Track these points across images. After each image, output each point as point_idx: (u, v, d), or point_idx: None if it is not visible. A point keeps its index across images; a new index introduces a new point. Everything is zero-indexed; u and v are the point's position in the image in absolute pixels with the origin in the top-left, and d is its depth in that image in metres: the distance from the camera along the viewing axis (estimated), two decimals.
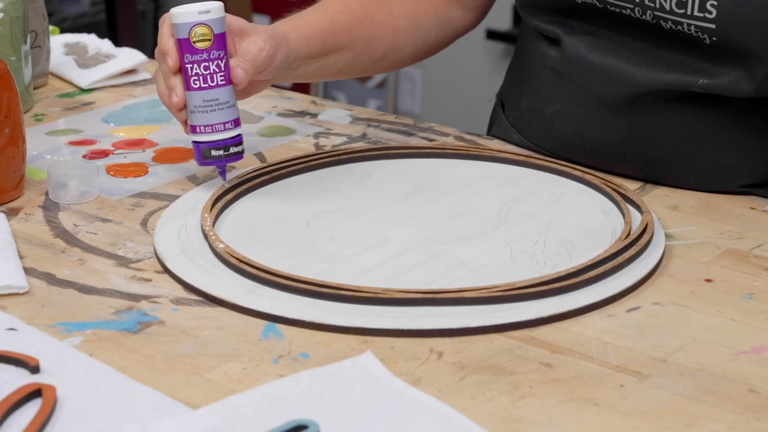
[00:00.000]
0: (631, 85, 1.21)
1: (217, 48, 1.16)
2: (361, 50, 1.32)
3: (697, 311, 1.00)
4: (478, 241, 1.11)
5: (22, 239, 1.13)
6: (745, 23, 1.14)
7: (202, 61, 1.15)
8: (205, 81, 1.16)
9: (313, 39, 1.26)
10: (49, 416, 0.84)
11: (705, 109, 1.21)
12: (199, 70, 1.16)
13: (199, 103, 1.17)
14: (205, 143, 1.18)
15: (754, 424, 0.85)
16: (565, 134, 1.28)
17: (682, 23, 1.17)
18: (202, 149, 1.18)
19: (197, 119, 1.17)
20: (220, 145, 1.18)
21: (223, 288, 1.03)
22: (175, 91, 1.17)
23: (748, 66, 1.16)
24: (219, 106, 1.17)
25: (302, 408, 0.85)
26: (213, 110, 1.17)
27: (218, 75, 1.16)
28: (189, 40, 1.15)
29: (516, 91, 1.36)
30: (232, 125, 1.18)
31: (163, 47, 1.17)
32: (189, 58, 1.16)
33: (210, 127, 1.17)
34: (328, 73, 1.31)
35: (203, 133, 1.17)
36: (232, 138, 1.18)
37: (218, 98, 1.17)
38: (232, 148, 1.18)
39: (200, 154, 1.19)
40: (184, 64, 1.16)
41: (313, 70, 1.29)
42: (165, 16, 1.17)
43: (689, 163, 1.23)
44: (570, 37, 1.26)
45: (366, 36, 1.32)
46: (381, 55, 1.34)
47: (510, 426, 0.85)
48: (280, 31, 1.23)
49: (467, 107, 3.51)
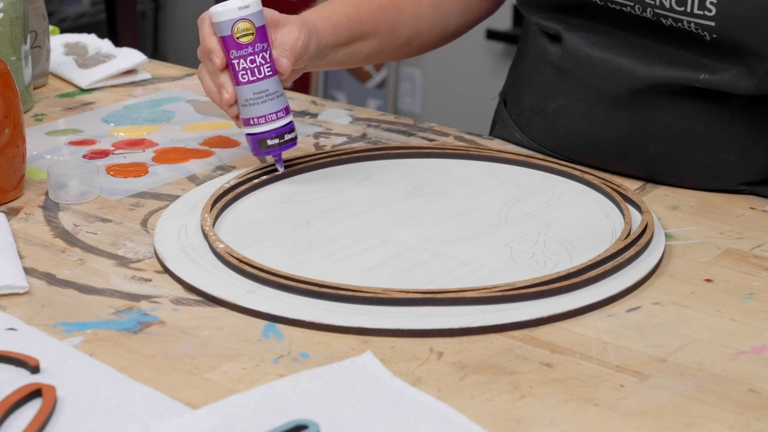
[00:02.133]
0: (632, 79, 1.22)
1: (260, 41, 1.19)
2: (386, 37, 1.35)
3: (697, 311, 1.00)
4: (478, 241, 1.11)
5: (22, 239, 1.13)
6: (745, 21, 1.14)
7: (248, 55, 1.18)
8: (253, 74, 1.19)
9: (341, 27, 1.30)
10: (49, 416, 0.84)
11: (706, 105, 1.21)
12: (246, 64, 1.19)
13: (250, 96, 1.20)
14: (260, 134, 1.21)
15: (754, 424, 0.85)
16: (567, 131, 1.28)
17: (682, 21, 1.17)
18: (258, 140, 1.21)
19: (250, 112, 1.20)
20: (274, 134, 1.21)
21: (223, 288, 1.03)
22: (225, 88, 1.20)
23: (748, 63, 1.16)
24: (269, 96, 1.20)
25: (302, 408, 0.85)
26: (264, 101, 1.20)
27: (264, 67, 1.19)
28: (232, 36, 1.18)
29: (518, 88, 1.36)
30: (284, 113, 1.21)
31: (208, 46, 1.20)
32: (235, 54, 1.19)
33: (263, 118, 1.20)
34: (355, 60, 1.35)
35: (257, 124, 1.21)
36: (284, 126, 1.21)
37: (267, 89, 1.20)
38: (286, 135, 1.22)
39: (256, 145, 1.22)
40: (230, 61, 1.19)
41: (341, 57, 1.32)
42: (203, 15, 1.20)
43: (690, 160, 1.23)
44: (570, 33, 1.26)
45: (390, 23, 1.35)
46: (405, 41, 1.37)
47: (510, 426, 0.85)
48: (309, 21, 1.26)
49: (467, 107, 3.51)
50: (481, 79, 3.48)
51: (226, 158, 1.33)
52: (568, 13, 1.27)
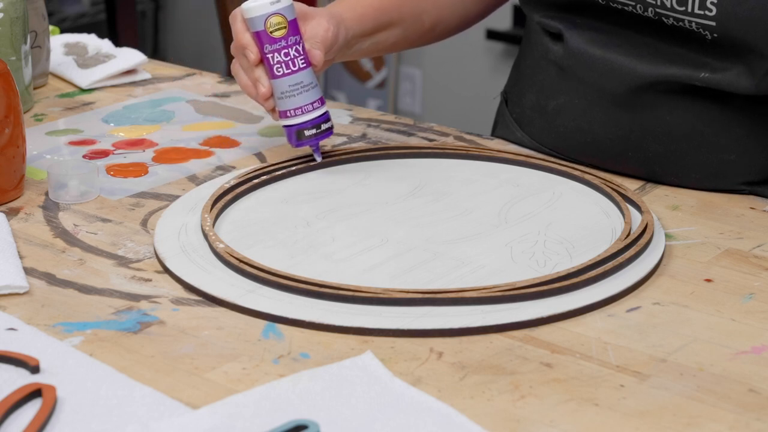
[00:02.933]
0: (633, 78, 1.22)
1: (292, 34, 1.21)
2: (410, 25, 1.37)
3: (697, 311, 1.00)
4: (478, 241, 1.11)
5: (22, 239, 1.13)
6: (745, 21, 1.14)
7: (282, 48, 1.21)
8: (287, 67, 1.21)
9: (366, 17, 1.32)
10: (49, 416, 0.84)
11: (706, 104, 1.21)
12: (280, 57, 1.21)
13: (286, 89, 1.22)
14: (297, 125, 1.24)
15: (754, 424, 0.85)
16: (568, 129, 1.28)
17: (683, 20, 1.17)
18: (296, 131, 1.24)
19: (286, 104, 1.23)
20: (311, 125, 1.23)
21: (223, 288, 1.03)
22: (261, 82, 1.23)
23: (748, 62, 1.17)
24: (304, 88, 1.22)
25: (302, 408, 0.85)
26: (300, 93, 1.22)
27: (298, 59, 1.22)
28: (266, 31, 1.20)
29: (520, 87, 1.37)
30: (319, 104, 1.24)
31: (242, 42, 1.22)
32: (269, 48, 1.21)
33: (300, 109, 1.23)
34: (381, 48, 1.37)
35: (294, 116, 1.23)
36: (320, 116, 1.24)
37: (302, 81, 1.22)
38: (323, 125, 1.24)
39: (294, 137, 1.24)
40: (265, 55, 1.22)
41: (368, 46, 1.35)
42: (235, 12, 1.23)
43: (690, 159, 1.23)
44: (572, 31, 1.26)
45: (413, 11, 1.37)
46: (429, 28, 1.39)
47: (510, 426, 0.85)
48: (337, 13, 1.28)
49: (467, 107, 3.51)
50: (481, 79, 3.48)
51: (226, 158, 1.33)
52: (569, 12, 1.27)
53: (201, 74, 1.61)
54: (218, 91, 1.54)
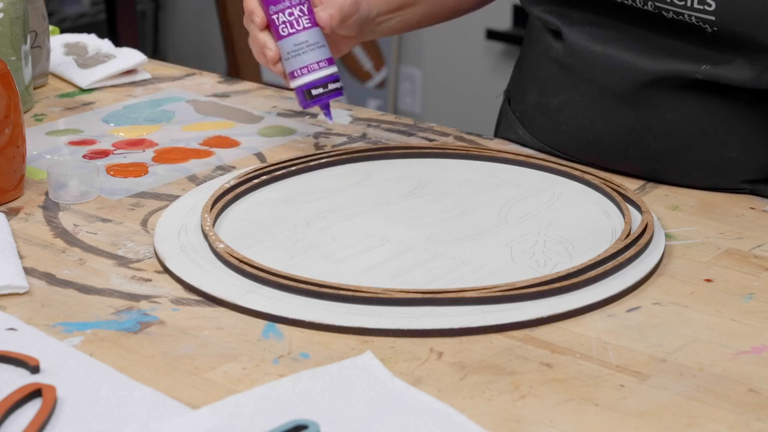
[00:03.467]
0: (634, 73, 1.22)
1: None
2: (434, 3, 1.39)
3: (697, 311, 1.00)
4: (478, 241, 1.11)
5: (22, 239, 1.13)
6: (744, 15, 1.14)
7: (285, 8, 1.23)
8: (292, 26, 1.24)
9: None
10: (49, 416, 0.84)
11: (708, 101, 1.21)
12: (284, 17, 1.23)
13: (291, 49, 1.24)
14: (304, 85, 1.25)
15: (754, 424, 0.85)
16: (569, 127, 1.28)
17: (683, 14, 1.17)
18: (304, 92, 1.26)
19: (292, 64, 1.25)
20: (318, 84, 1.25)
21: (223, 288, 1.03)
22: (267, 46, 1.25)
23: (749, 54, 1.17)
24: (309, 47, 1.24)
25: (302, 408, 0.85)
26: (305, 52, 1.24)
27: (303, 18, 1.24)
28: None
29: (522, 86, 1.37)
30: (326, 63, 1.25)
31: (248, 7, 1.26)
32: (273, 9, 1.24)
33: (305, 68, 1.25)
34: (409, 25, 1.38)
35: (300, 76, 1.25)
36: (328, 75, 1.26)
37: (307, 40, 1.24)
38: (330, 85, 1.26)
39: (303, 97, 1.26)
40: (270, 17, 1.24)
41: (395, 24, 1.36)
42: None
43: (691, 156, 1.23)
44: (571, 28, 1.26)
45: None
46: (453, 6, 1.41)
47: (510, 426, 0.85)
48: None
49: (467, 107, 3.51)
50: (481, 79, 3.48)
51: (226, 158, 1.33)
52: (568, 7, 1.27)
53: (201, 74, 1.61)
54: (218, 91, 1.54)
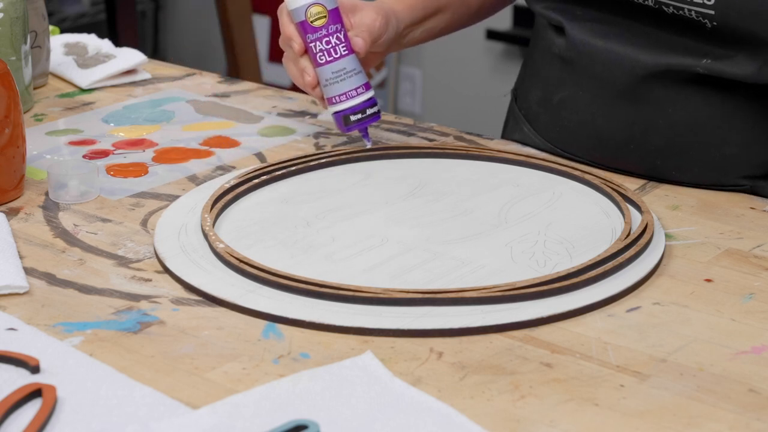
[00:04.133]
0: (636, 67, 1.22)
1: (333, 22, 1.26)
2: (458, 8, 1.41)
3: (697, 311, 1.00)
4: (478, 241, 1.11)
5: (22, 239, 1.13)
6: (744, 10, 1.14)
7: (323, 37, 1.25)
8: (330, 54, 1.26)
9: (416, 6, 1.36)
10: (49, 416, 0.84)
11: (709, 96, 1.21)
12: (322, 45, 1.25)
13: (329, 76, 1.26)
14: (343, 111, 1.28)
15: (754, 424, 0.85)
16: (571, 123, 1.29)
17: (683, 9, 1.17)
18: (343, 117, 1.28)
19: (331, 91, 1.27)
20: (357, 110, 1.27)
21: (223, 288, 1.03)
22: (306, 71, 1.28)
23: (750, 49, 1.17)
24: (347, 74, 1.26)
25: (302, 408, 0.85)
26: (343, 79, 1.26)
27: (340, 46, 1.26)
28: (307, 21, 1.25)
29: (528, 83, 1.38)
30: (364, 89, 1.28)
31: (287, 34, 1.27)
32: (311, 38, 1.26)
33: (344, 95, 1.27)
34: (433, 34, 1.40)
35: (339, 102, 1.27)
36: (366, 101, 1.28)
37: (345, 67, 1.26)
38: (368, 110, 1.28)
39: (342, 122, 1.28)
40: (308, 44, 1.26)
41: (420, 34, 1.38)
42: (281, 6, 1.28)
43: (692, 152, 1.23)
44: (573, 23, 1.27)
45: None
46: (476, 9, 1.43)
47: (510, 426, 0.85)
48: (387, 5, 1.32)
49: (467, 107, 3.51)
50: (481, 79, 3.48)
51: (226, 158, 1.33)
52: (571, 3, 1.28)
53: (201, 74, 1.61)
54: (218, 91, 1.54)
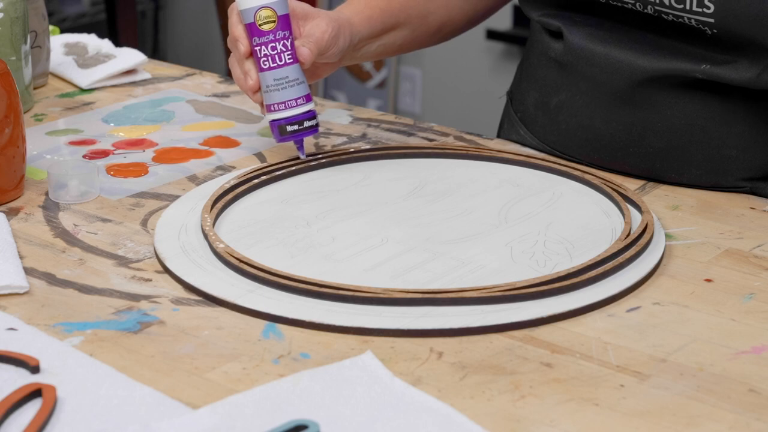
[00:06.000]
0: (634, 72, 1.22)
1: (282, 29, 1.23)
2: (418, 26, 1.38)
3: (697, 311, 1.00)
4: (478, 241, 1.11)
5: (22, 239, 1.13)
6: (744, 17, 1.14)
7: (269, 42, 1.22)
8: (274, 60, 1.23)
9: (374, 19, 1.33)
10: (49, 416, 0.84)
11: (707, 99, 1.21)
12: (267, 51, 1.23)
13: (271, 82, 1.24)
14: (280, 120, 1.25)
15: (754, 424, 0.85)
16: (569, 126, 1.29)
17: (682, 17, 1.17)
18: (279, 126, 1.25)
19: (271, 98, 1.24)
20: (294, 120, 1.25)
21: (223, 288, 1.03)
22: (249, 75, 1.25)
23: (749, 55, 1.17)
24: (289, 83, 1.24)
25: (302, 408, 0.85)
26: (284, 88, 1.24)
27: (285, 54, 1.23)
28: (255, 24, 1.23)
29: (524, 85, 1.37)
30: (304, 101, 1.25)
31: (234, 34, 1.25)
32: (257, 41, 1.23)
33: (283, 104, 1.24)
34: (389, 50, 1.38)
35: (277, 110, 1.24)
36: (305, 113, 1.25)
37: (288, 76, 1.23)
38: (306, 122, 1.25)
39: (277, 131, 1.25)
40: (254, 47, 1.24)
41: (376, 48, 1.36)
42: (232, 5, 1.26)
43: (691, 155, 1.23)
44: (572, 29, 1.26)
45: (420, 12, 1.38)
46: (436, 29, 1.40)
47: (510, 426, 0.85)
48: (343, 16, 1.29)
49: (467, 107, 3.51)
50: (481, 79, 3.48)
51: (226, 158, 1.33)
52: (568, 10, 1.27)
53: (201, 74, 1.61)
54: (218, 91, 1.54)
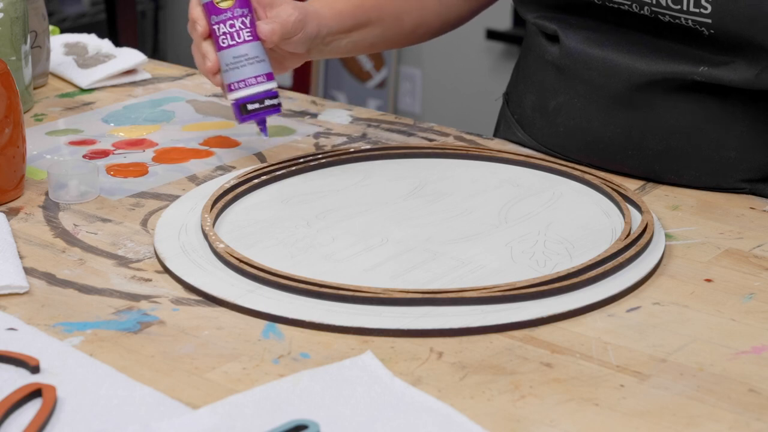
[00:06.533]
0: (632, 75, 1.22)
1: (240, 6, 1.22)
2: (390, 25, 1.37)
3: (697, 311, 1.00)
4: (478, 241, 1.11)
5: (22, 239, 1.13)
6: (741, 17, 1.14)
7: (227, 19, 1.21)
8: (232, 38, 1.21)
9: (345, 14, 1.32)
10: (49, 416, 0.84)
11: (706, 101, 1.21)
12: (225, 28, 1.21)
13: (230, 61, 1.22)
14: (240, 99, 1.23)
15: (754, 424, 0.85)
16: (568, 128, 1.28)
17: (679, 18, 1.17)
18: (240, 105, 1.23)
19: (230, 77, 1.22)
20: (254, 99, 1.23)
21: (223, 288, 1.03)
22: (207, 57, 1.23)
23: (748, 55, 1.17)
24: (248, 60, 1.22)
25: (302, 408, 0.85)
26: (243, 65, 1.22)
27: (244, 31, 1.21)
28: (212, 2, 1.21)
29: (520, 88, 1.37)
30: (264, 79, 1.23)
31: (192, 16, 1.24)
32: (215, 20, 1.22)
33: (243, 82, 1.22)
34: (360, 47, 1.36)
35: (237, 89, 1.22)
36: (265, 91, 1.23)
37: (247, 53, 1.22)
38: (267, 101, 1.23)
39: (238, 111, 1.23)
40: (212, 26, 1.22)
41: (346, 44, 1.34)
42: None
43: (690, 157, 1.23)
44: (568, 32, 1.26)
45: (394, 12, 1.37)
46: (410, 30, 1.39)
47: (510, 426, 0.85)
48: (312, 8, 1.28)
49: (467, 107, 3.51)
50: (481, 79, 3.48)
51: (226, 158, 1.33)
52: (564, 12, 1.27)
53: (201, 74, 1.61)
54: (218, 91, 1.54)
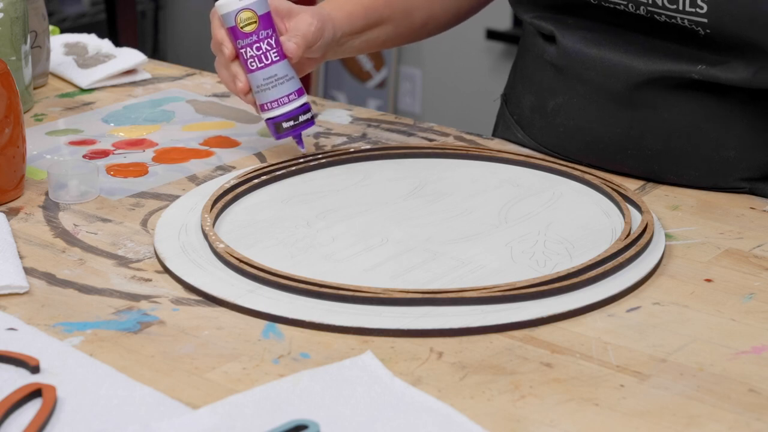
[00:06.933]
0: (630, 75, 1.22)
1: (264, 28, 1.23)
2: (401, 22, 1.38)
3: (697, 311, 1.00)
4: (478, 241, 1.11)
5: (22, 239, 1.13)
6: (737, 17, 1.14)
7: (254, 43, 1.23)
8: (260, 60, 1.23)
9: (356, 15, 1.33)
10: (49, 416, 0.84)
11: (705, 100, 1.21)
12: (252, 51, 1.23)
13: (261, 82, 1.24)
14: (275, 118, 1.26)
15: (754, 424, 0.85)
16: (567, 129, 1.28)
17: (675, 17, 1.17)
18: (275, 124, 1.26)
19: (263, 97, 1.25)
20: (289, 117, 1.25)
21: (223, 288, 1.03)
22: (238, 78, 1.25)
23: (744, 54, 1.17)
24: (279, 80, 1.24)
25: (302, 408, 0.85)
26: (274, 86, 1.24)
27: (271, 52, 1.23)
28: (237, 26, 1.23)
29: (519, 88, 1.37)
30: (296, 95, 1.26)
31: (217, 38, 1.25)
32: (241, 43, 1.23)
33: (276, 102, 1.25)
34: (373, 45, 1.37)
35: (271, 109, 1.25)
36: (299, 107, 1.26)
37: (276, 74, 1.24)
38: (301, 117, 1.26)
39: (274, 130, 1.26)
40: (239, 50, 1.24)
41: (360, 44, 1.35)
42: (213, 10, 1.25)
43: (689, 156, 1.23)
44: (565, 32, 1.26)
45: (404, 8, 1.38)
46: (420, 25, 1.40)
47: (510, 426, 0.85)
48: (325, 11, 1.30)
49: (467, 107, 3.51)
50: (481, 79, 3.48)
51: (226, 158, 1.33)
52: (561, 12, 1.27)
53: (201, 74, 1.61)
54: (218, 91, 1.54)
